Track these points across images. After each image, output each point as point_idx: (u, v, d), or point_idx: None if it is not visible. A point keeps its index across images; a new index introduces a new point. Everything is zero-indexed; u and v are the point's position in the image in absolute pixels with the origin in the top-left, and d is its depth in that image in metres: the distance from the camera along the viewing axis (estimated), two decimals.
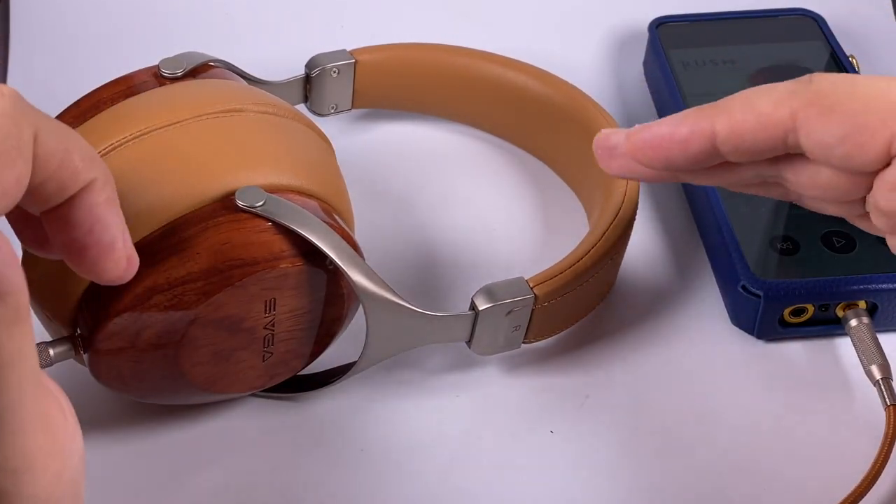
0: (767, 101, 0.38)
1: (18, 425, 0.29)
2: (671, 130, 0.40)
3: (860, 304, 0.47)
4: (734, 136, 0.39)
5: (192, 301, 0.39)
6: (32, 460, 0.29)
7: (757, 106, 0.38)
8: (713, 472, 0.44)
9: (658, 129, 0.40)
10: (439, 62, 0.54)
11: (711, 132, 0.39)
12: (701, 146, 0.39)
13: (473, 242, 0.52)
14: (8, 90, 0.30)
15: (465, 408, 0.46)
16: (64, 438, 0.30)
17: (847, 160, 0.37)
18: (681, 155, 0.40)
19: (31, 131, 0.30)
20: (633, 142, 0.41)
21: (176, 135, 0.40)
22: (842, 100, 0.37)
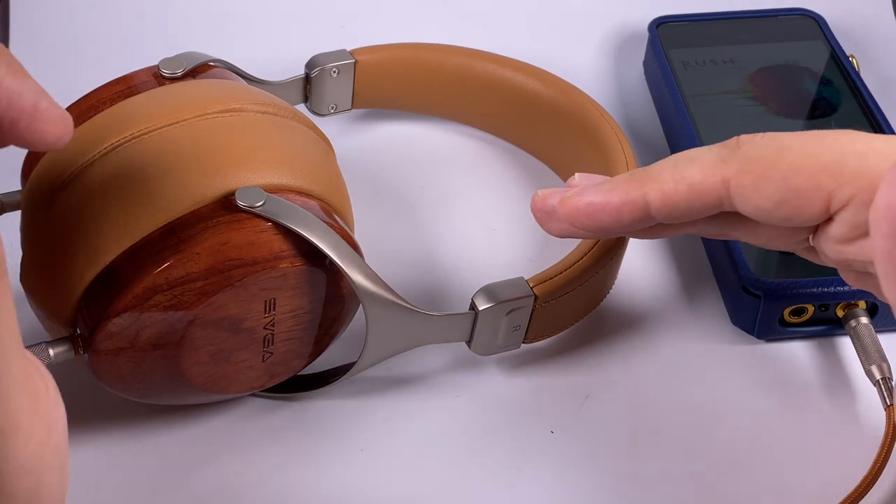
0: (698, 170, 0.39)
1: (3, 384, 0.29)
2: (604, 200, 0.41)
3: (860, 304, 0.47)
4: (667, 206, 0.39)
5: (191, 301, 0.39)
6: (17, 423, 0.29)
7: (687, 176, 0.39)
8: (713, 472, 0.44)
9: (591, 198, 0.41)
10: (439, 62, 0.54)
11: (644, 202, 0.40)
12: (634, 215, 0.40)
13: (473, 242, 0.52)
14: None
15: (465, 408, 0.46)
16: (47, 404, 0.30)
17: (787, 221, 0.38)
18: (615, 223, 0.41)
19: None
20: (566, 209, 0.42)
21: (176, 134, 0.40)
22: (772, 164, 0.38)
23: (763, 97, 0.55)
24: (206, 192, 0.39)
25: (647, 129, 0.57)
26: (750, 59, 0.57)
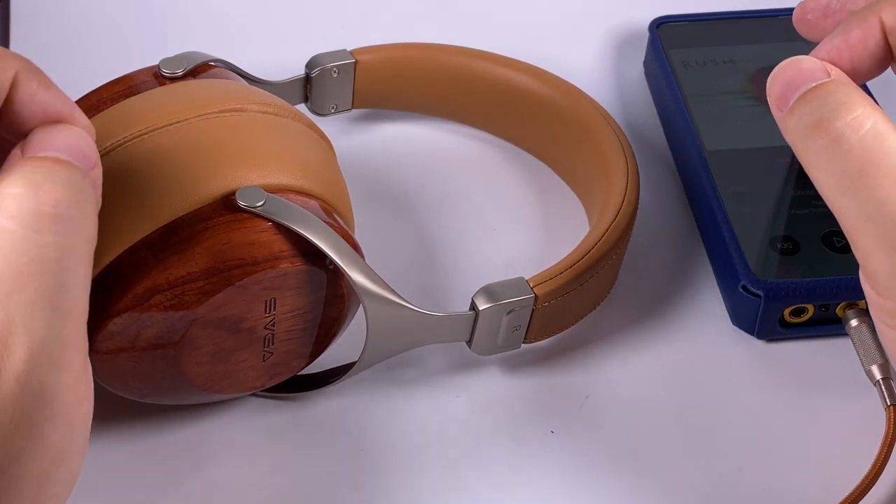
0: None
1: (77, 309, 0.30)
2: (843, 38, 0.38)
3: (860, 304, 0.47)
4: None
5: (192, 301, 0.39)
6: (71, 360, 0.30)
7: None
8: (713, 472, 0.44)
9: (831, 42, 0.39)
10: (439, 62, 0.54)
11: (879, 25, 0.38)
12: (876, 42, 0.38)
13: (473, 242, 0.52)
14: None
15: (465, 408, 0.46)
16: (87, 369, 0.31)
17: None
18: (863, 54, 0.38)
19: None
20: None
21: (176, 134, 0.40)
22: None
23: (763, 97, 0.55)
24: (207, 191, 0.39)
25: (647, 129, 0.57)
26: (750, 59, 0.57)
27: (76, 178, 0.31)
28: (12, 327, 0.29)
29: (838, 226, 0.49)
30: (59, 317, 0.30)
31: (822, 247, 0.48)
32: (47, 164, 0.31)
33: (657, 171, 0.55)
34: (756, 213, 0.50)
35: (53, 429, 0.30)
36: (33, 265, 0.29)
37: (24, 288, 0.29)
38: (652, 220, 0.53)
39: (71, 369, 0.30)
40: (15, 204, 0.29)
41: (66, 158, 0.31)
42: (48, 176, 0.30)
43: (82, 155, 0.32)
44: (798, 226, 0.49)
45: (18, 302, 0.29)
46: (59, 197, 0.30)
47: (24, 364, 0.29)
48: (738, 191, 0.50)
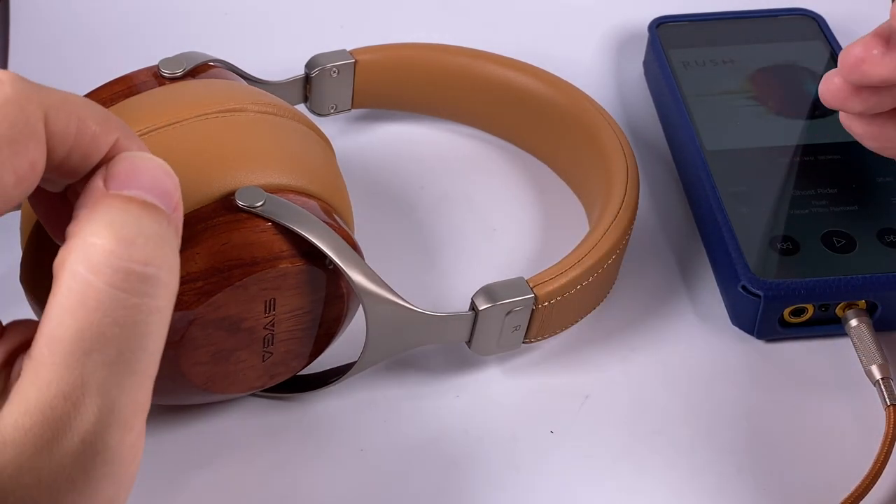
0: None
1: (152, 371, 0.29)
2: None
3: (860, 304, 0.47)
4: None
5: (191, 301, 0.39)
6: (138, 421, 0.29)
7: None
8: (713, 473, 0.44)
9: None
10: (439, 62, 0.54)
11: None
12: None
13: (473, 242, 0.52)
14: (7, 76, 0.29)
15: (465, 408, 0.46)
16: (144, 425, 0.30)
17: None
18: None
19: (39, 112, 0.29)
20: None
21: (176, 135, 0.40)
22: None
23: (763, 97, 0.55)
24: (206, 191, 0.39)
25: (647, 129, 0.57)
26: (750, 59, 0.57)
27: (164, 228, 0.30)
28: (86, 389, 0.28)
29: (838, 226, 0.49)
30: (137, 381, 0.29)
31: (821, 247, 0.48)
32: (136, 210, 0.29)
33: (657, 171, 0.55)
34: (756, 213, 0.50)
35: (108, 485, 0.29)
36: (117, 328, 0.28)
37: (104, 349, 0.28)
38: (652, 220, 0.53)
39: (136, 429, 0.30)
40: (103, 258, 0.28)
41: (154, 202, 0.30)
42: (139, 227, 0.29)
43: (168, 195, 0.30)
44: (798, 226, 0.49)
45: (97, 363, 0.28)
46: (150, 255, 0.29)
47: (93, 426, 0.28)
48: (737, 191, 0.50)
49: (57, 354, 0.28)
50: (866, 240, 0.48)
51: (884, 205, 0.50)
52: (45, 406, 0.28)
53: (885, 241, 0.48)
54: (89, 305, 0.28)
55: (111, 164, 0.30)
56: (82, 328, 0.28)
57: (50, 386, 0.28)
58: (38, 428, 0.27)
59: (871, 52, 0.37)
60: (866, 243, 0.48)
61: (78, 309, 0.28)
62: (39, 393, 0.28)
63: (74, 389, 0.28)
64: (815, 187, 0.51)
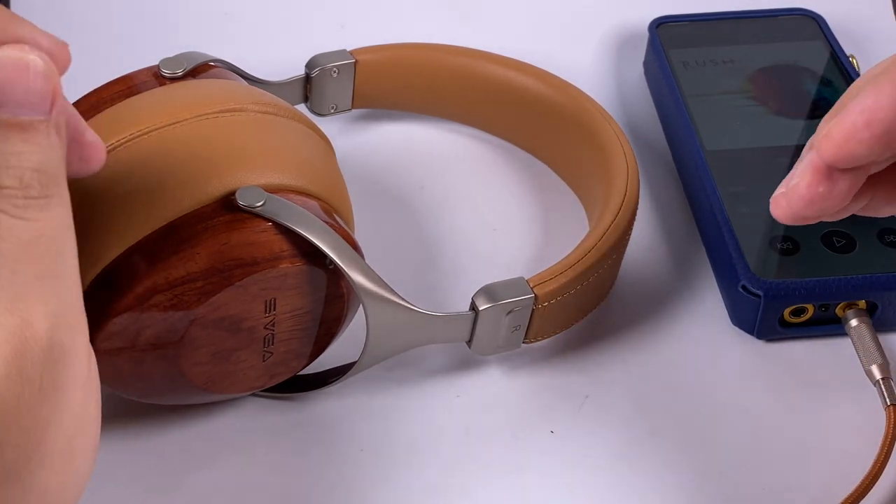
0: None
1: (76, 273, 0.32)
2: (874, 98, 0.36)
3: (860, 304, 0.47)
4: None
5: (192, 301, 0.39)
6: (82, 322, 0.32)
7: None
8: (713, 472, 0.44)
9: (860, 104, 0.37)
10: (439, 62, 0.54)
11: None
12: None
13: (473, 242, 0.52)
14: None
15: (465, 408, 0.46)
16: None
17: None
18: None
19: None
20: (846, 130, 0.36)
21: (176, 135, 0.40)
22: None
23: (763, 97, 0.55)
24: (207, 191, 0.39)
25: (647, 129, 0.57)
26: (750, 59, 0.57)
27: (47, 143, 0.31)
28: (26, 301, 0.30)
29: (838, 226, 0.49)
30: (66, 284, 0.31)
31: (821, 247, 0.48)
32: (17, 134, 0.30)
33: (657, 171, 0.55)
34: (756, 213, 0.50)
35: (74, 392, 0.32)
36: (31, 245, 0.30)
37: (28, 265, 0.30)
38: (652, 220, 0.53)
39: (83, 331, 0.32)
40: (6, 200, 0.30)
41: (30, 115, 0.30)
42: (26, 154, 0.30)
43: (43, 99, 0.31)
44: (798, 226, 0.49)
45: (27, 277, 0.30)
46: (43, 179, 0.31)
47: (46, 332, 0.30)
48: (737, 191, 0.50)
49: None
50: (866, 240, 0.48)
51: None
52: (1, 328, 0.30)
53: (885, 241, 0.48)
54: (5, 236, 0.30)
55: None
56: (3, 255, 0.30)
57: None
58: (1, 350, 0.30)
59: (818, 191, 0.38)
60: (866, 243, 0.48)
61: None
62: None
63: (16, 304, 0.30)
64: None
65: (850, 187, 0.37)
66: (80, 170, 0.35)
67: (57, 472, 0.32)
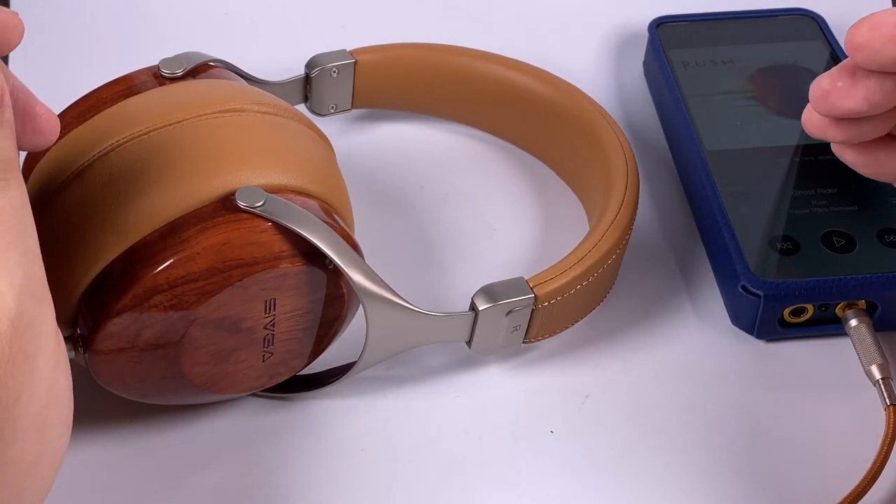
0: None
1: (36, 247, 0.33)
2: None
3: (860, 304, 0.47)
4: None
5: (191, 301, 0.39)
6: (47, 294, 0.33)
7: None
8: (713, 472, 0.44)
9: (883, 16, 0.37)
10: (439, 62, 0.54)
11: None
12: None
13: (473, 242, 0.52)
14: None
15: (465, 408, 0.46)
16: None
17: None
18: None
19: None
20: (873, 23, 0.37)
21: (176, 135, 0.40)
22: None
23: (763, 97, 0.55)
24: (207, 192, 0.39)
25: (647, 129, 0.57)
26: (750, 59, 0.57)
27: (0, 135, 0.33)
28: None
29: (838, 226, 0.49)
30: (29, 258, 0.32)
31: (821, 247, 0.48)
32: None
33: (657, 171, 0.55)
34: (756, 212, 0.50)
35: (45, 362, 0.32)
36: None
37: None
38: (652, 220, 0.53)
39: (48, 303, 0.33)
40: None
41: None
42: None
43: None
44: (798, 226, 0.49)
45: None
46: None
47: (13, 302, 0.31)
48: (737, 191, 0.50)
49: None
50: (866, 240, 0.48)
51: (884, 205, 0.50)
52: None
53: (885, 241, 0.48)
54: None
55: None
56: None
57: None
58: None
59: (837, 85, 0.38)
60: (866, 243, 0.48)
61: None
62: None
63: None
64: (814, 187, 0.51)
65: (871, 93, 0.37)
66: (36, 142, 0.36)
67: (30, 444, 0.32)
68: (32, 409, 0.32)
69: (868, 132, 0.39)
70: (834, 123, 0.39)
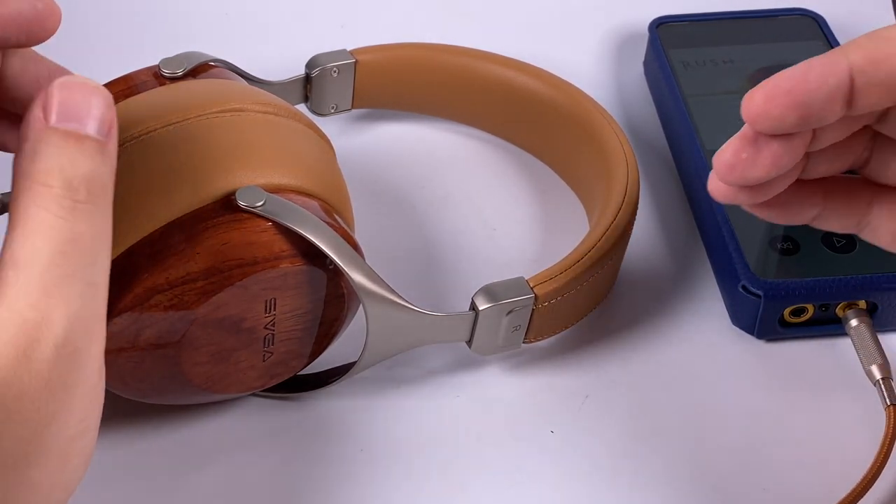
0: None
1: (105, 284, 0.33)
2: (804, 72, 0.38)
3: (860, 304, 0.47)
4: (871, 65, 0.36)
5: (192, 301, 0.39)
6: (100, 332, 0.33)
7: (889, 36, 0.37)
8: (713, 472, 0.44)
9: (791, 73, 0.38)
10: (439, 62, 0.54)
11: (847, 65, 0.37)
12: (838, 80, 0.37)
13: (473, 242, 0.52)
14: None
15: (465, 408, 0.46)
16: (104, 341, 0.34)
17: None
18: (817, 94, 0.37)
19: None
20: (767, 92, 0.38)
21: (176, 135, 0.40)
22: None
23: None
24: (207, 191, 0.39)
25: (647, 129, 0.57)
26: (750, 59, 0.57)
27: (99, 162, 0.33)
28: (50, 299, 0.31)
29: None
30: (93, 292, 0.32)
31: (822, 247, 0.48)
32: (74, 146, 0.32)
33: (657, 171, 0.55)
34: None
35: (82, 395, 0.33)
36: (69, 245, 0.32)
37: (61, 265, 0.31)
38: (652, 220, 0.53)
39: (100, 340, 0.33)
40: (54, 200, 0.32)
41: (92, 134, 0.33)
42: (79, 162, 0.32)
43: (102, 122, 0.33)
44: (798, 226, 0.49)
45: (56, 276, 0.31)
46: (91, 188, 0.32)
47: (63, 331, 0.31)
48: None
49: (22, 274, 0.31)
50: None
51: None
52: (18, 318, 0.31)
53: None
54: (45, 234, 0.32)
55: (48, 93, 0.33)
56: (39, 250, 0.31)
57: (19, 299, 0.31)
58: (14, 340, 0.31)
59: (741, 157, 0.38)
60: (866, 243, 0.48)
61: (36, 237, 0.31)
62: (10, 308, 0.31)
63: (40, 300, 0.31)
64: None
65: (777, 158, 0.38)
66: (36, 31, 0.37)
67: (51, 471, 0.32)
68: (60, 438, 0.32)
69: (778, 187, 0.39)
70: (743, 189, 0.39)
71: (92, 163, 0.32)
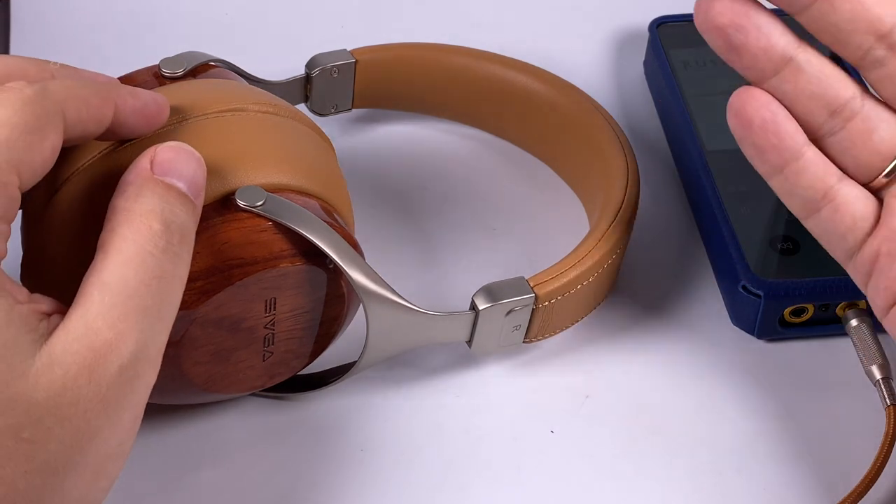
0: None
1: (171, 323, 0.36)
2: None
3: (860, 304, 0.47)
4: None
5: (192, 301, 0.39)
6: (159, 364, 0.35)
7: None
8: (713, 472, 0.44)
9: None
10: (439, 62, 0.54)
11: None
12: None
13: (473, 242, 0.52)
14: (20, 83, 0.35)
15: (465, 408, 0.46)
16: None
17: None
18: None
19: (56, 107, 0.35)
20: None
21: (176, 135, 0.40)
22: None
23: None
24: (207, 191, 0.39)
25: (647, 129, 0.57)
26: None
27: (190, 215, 0.37)
28: (127, 324, 0.34)
29: None
30: (162, 327, 0.35)
31: (822, 247, 0.48)
32: (174, 197, 0.36)
33: (657, 171, 0.55)
34: (756, 213, 0.50)
35: (127, 419, 0.34)
36: (155, 281, 0.35)
37: (143, 297, 0.34)
38: (652, 220, 0.53)
39: (154, 374, 0.35)
40: (151, 237, 0.35)
41: (187, 192, 0.37)
42: (177, 210, 0.36)
43: (197, 186, 0.37)
44: (798, 226, 0.49)
45: (137, 306, 0.34)
46: (182, 235, 0.36)
47: (130, 356, 0.34)
48: (738, 191, 0.50)
49: (106, 295, 0.34)
50: None
51: None
52: (93, 334, 0.33)
53: None
54: (137, 265, 0.35)
55: (158, 150, 0.37)
56: (128, 278, 0.34)
57: (97, 319, 0.33)
58: (84, 351, 0.33)
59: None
60: None
61: (128, 266, 0.34)
62: (88, 324, 0.33)
63: (118, 322, 0.34)
64: None
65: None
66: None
67: (82, 485, 0.34)
68: (99, 454, 0.34)
69: None
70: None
71: (185, 213, 0.36)
